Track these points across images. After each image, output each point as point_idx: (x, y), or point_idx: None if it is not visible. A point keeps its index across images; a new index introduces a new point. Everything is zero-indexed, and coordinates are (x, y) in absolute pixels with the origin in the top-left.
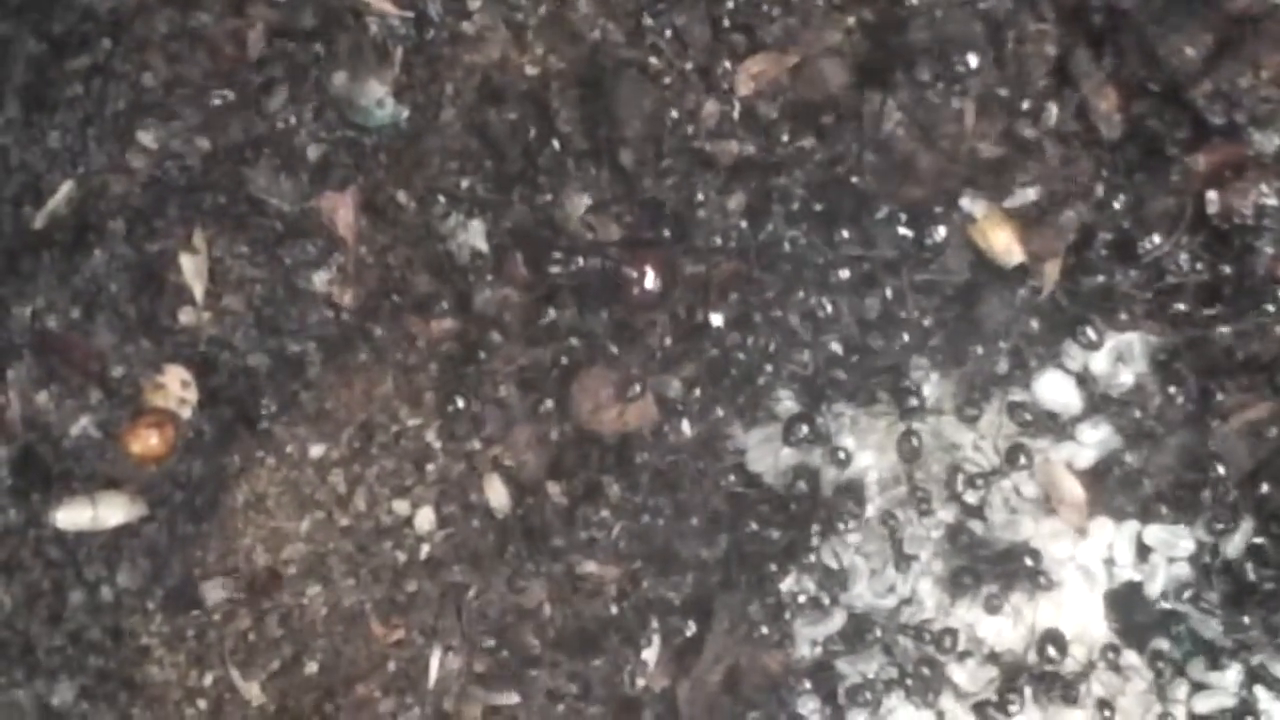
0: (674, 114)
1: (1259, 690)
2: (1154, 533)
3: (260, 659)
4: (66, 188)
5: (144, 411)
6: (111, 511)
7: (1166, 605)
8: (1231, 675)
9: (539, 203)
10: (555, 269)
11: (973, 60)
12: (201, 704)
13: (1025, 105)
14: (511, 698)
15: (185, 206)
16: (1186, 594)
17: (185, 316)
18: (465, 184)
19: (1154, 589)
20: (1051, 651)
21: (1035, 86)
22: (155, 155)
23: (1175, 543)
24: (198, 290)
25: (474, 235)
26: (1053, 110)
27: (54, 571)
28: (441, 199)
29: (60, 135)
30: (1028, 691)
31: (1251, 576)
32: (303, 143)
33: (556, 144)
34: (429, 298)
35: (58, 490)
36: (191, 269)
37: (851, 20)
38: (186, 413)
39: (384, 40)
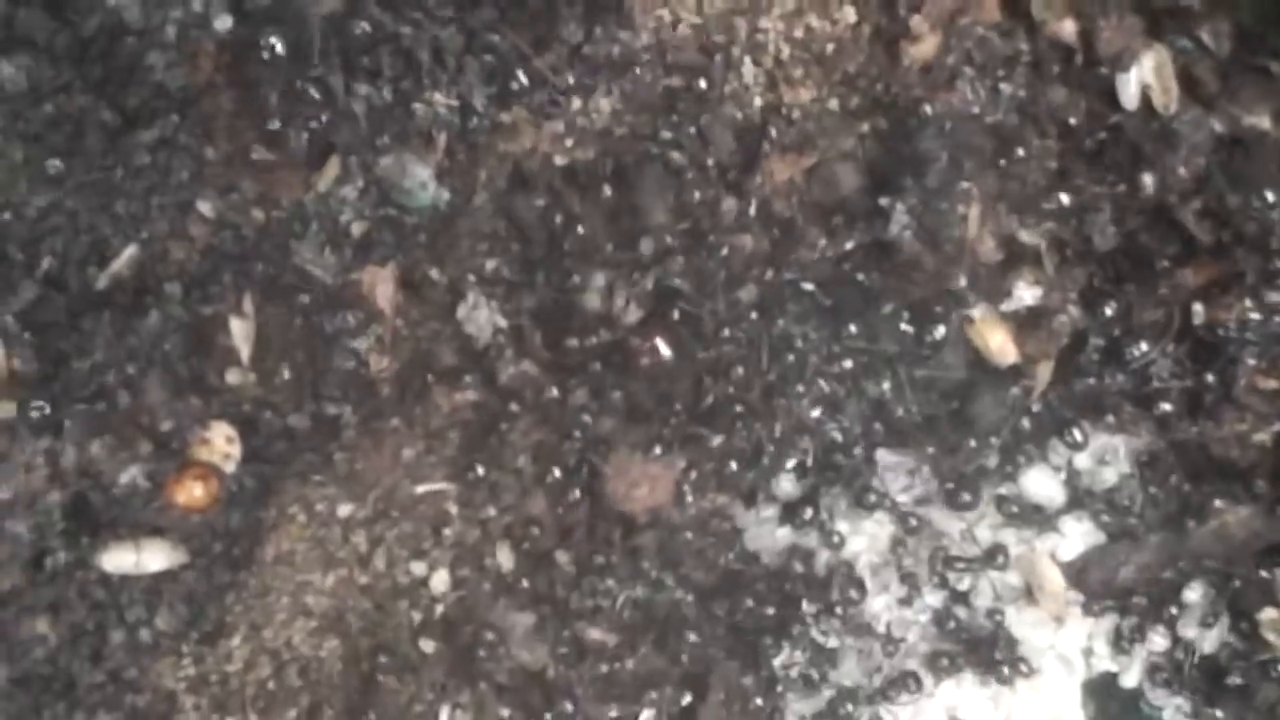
0: (693, 207)
1: None
2: (1136, 627)
3: (279, 708)
4: (130, 251)
5: (190, 464)
6: (154, 557)
7: (1142, 698)
8: None
9: (560, 285)
10: (572, 344)
11: (979, 170)
12: None
13: (1025, 214)
14: None
15: (237, 274)
16: (1161, 688)
17: (232, 377)
18: (492, 265)
19: (1130, 680)
20: None
21: (1035, 197)
22: (213, 224)
23: (1152, 637)
24: (245, 353)
25: (497, 313)
26: (1050, 220)
27: (97, 612)
28: (470, 277)
29: (126, 202)
30: None
31: (1226, 672)
32: (348, 219)
33: (579, 230)
34: (454, 371)
35: (105, 535)
36: (240, 333)
37: (865, 127)
38: (230, 467)
39: (429, 126)
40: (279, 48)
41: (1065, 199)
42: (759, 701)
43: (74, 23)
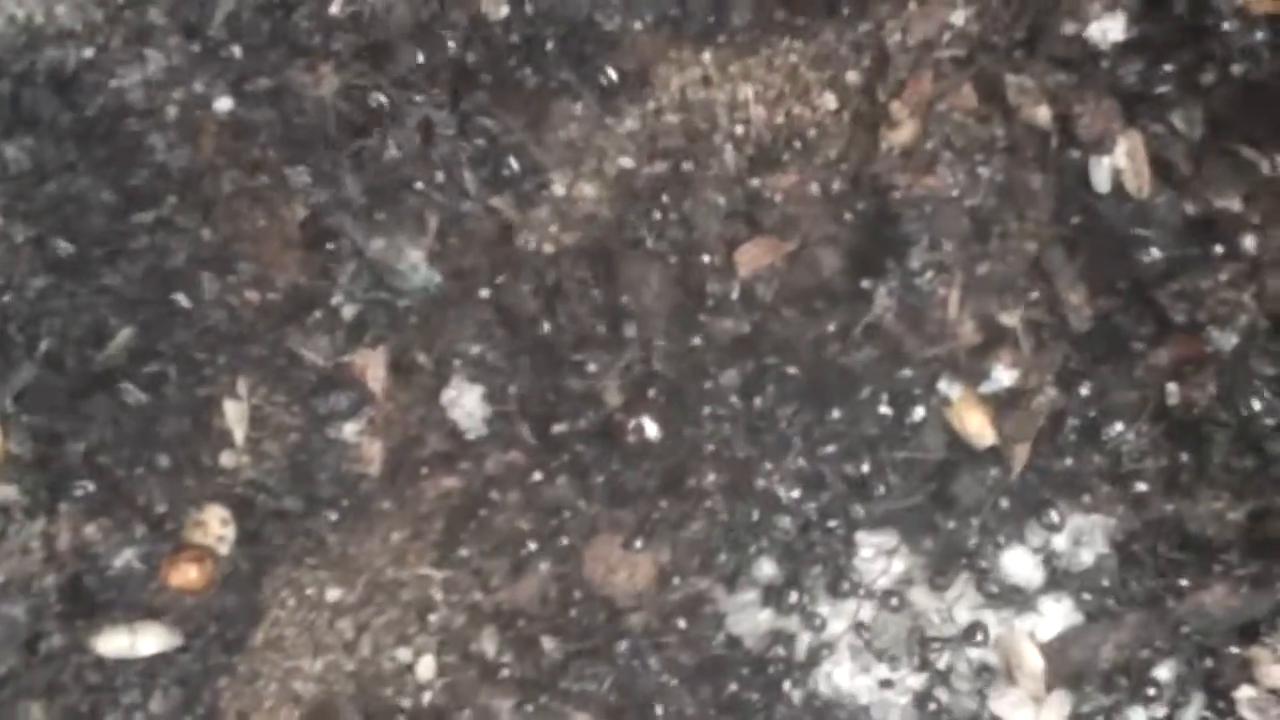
0: (677, 291)
1: None
2: (1115, 707)
3: None
4: (126, 333)
5: (184, 547)
6: (149, 640)
7: None
8: None
9: (545, 369)
10: (558, 428)
11: (958, 252)
12: None
13: (1003, 296)
14: None
15: (232, 356)
16: None
17: (226, 459)
18: (478, 350)
19: None
20: None
21: (1013, 279)
22: (209, 306)
23: (1131, 717)
24: (239, 435)
25: (483, 399)
26: (1027, 303)
27: (92, 695)
28: (456, 363)
29: (124, 282)
30: None
31: None
32: (340, 302)
33: (565, 315)
34: (440, 456)
35: (100, 618)
36: (234, 415)
37: (846, 211)
38: (224, 549)
39: (422, 209)
40: (276, 130)
41: (1041, 281)
42: None
43: (79, 103)
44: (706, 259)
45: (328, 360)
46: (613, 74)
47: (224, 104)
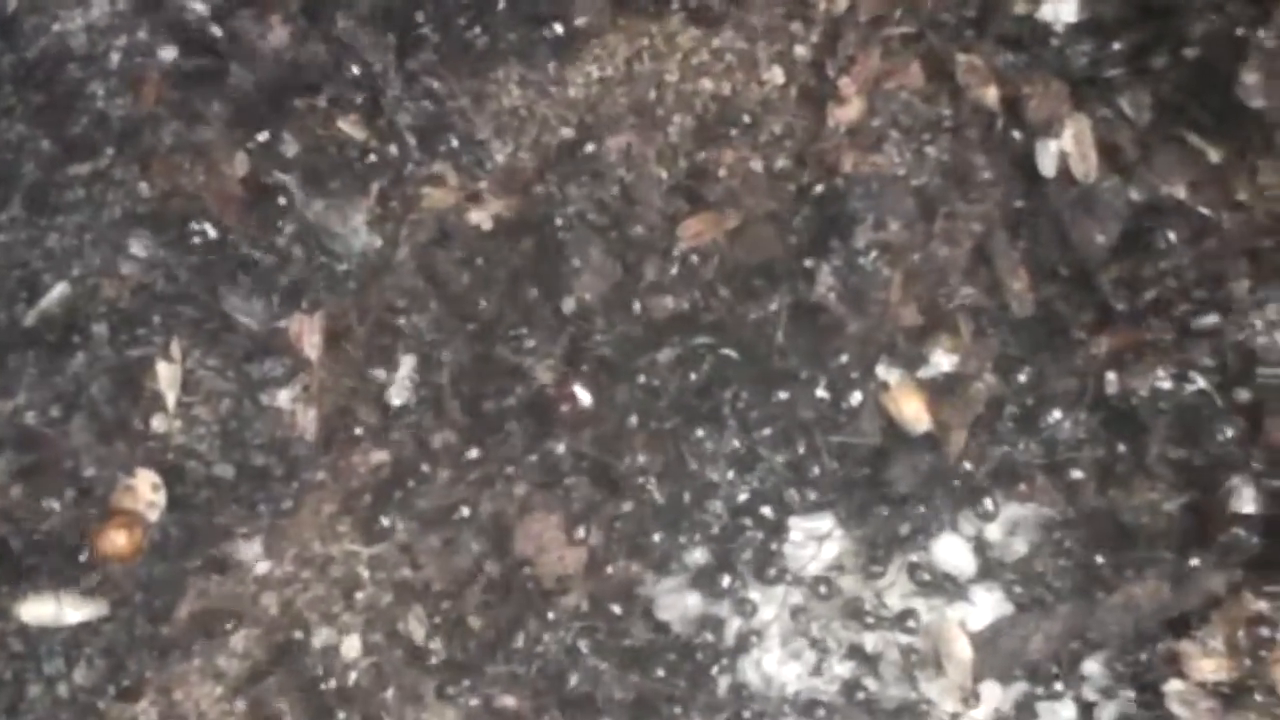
0: (616, 266)
1: None
2: (1042, 698)
3: None
4: (60, 288)
5: (113, 512)
6: (74, 608)
7: None
8: None
9: (480, 343)
10: (490, 404)
11: (903, 233)
12: None
13: (946, 280)
14: None
15: (166, 316)
16: None
17: (158, 423)
18: (412, 320)
19: None
20: None
21: (957, 263)
22: (144, 264)
23: (1060, 709)
24: (170, 398)
25: (415, 370)
26: (970, 286)
27: (15, 664)
28: (391, 332)
29: (59, 237)
30: None
31: None
32: (278, 264)
33: (501, 288)
34: (372, 428)
35: (25, 584)
36: (166, 377)
37: (792, 187)
38: (154, 516)
39: (364, 172)
40: (220, 82)
41: (984, 265)
42: None
43: (19, 45)
44: (647, 233)
45: (263, 324)
46: (559, 37)
47: (168, 53)
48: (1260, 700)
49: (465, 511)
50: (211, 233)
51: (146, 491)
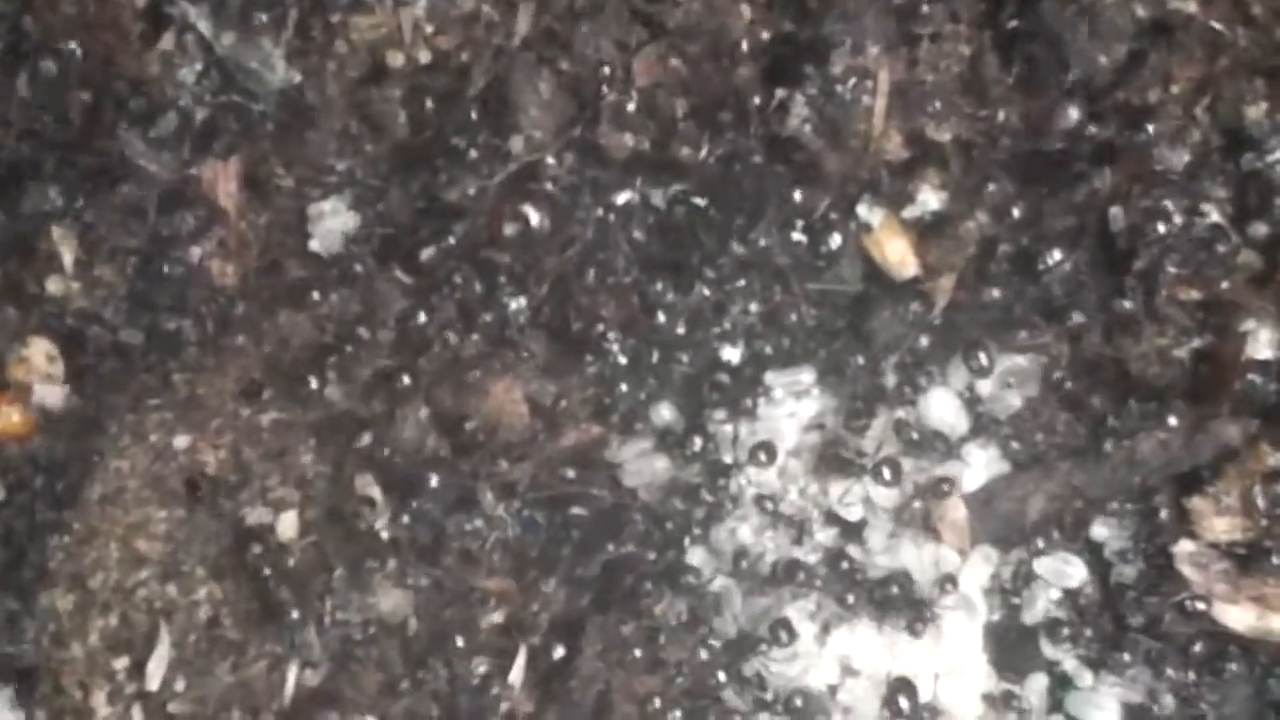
0: (569, 102)
1: None
2: (1044, 563)
3: (107, 660)
4: None
5: (5, 386)
6: None
7: (1045, 639)
8: (1109, 712)
9: (421, 189)
10: (430, 252)
11: (885, 57)
12: None
13: (933, 107)
14: None
15: (60, 165)
16: (1064, 628)
17: (54, 285)
18: (343, 164)
19: (1033, 620)
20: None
21: (944, 89)
22: (30, 106)
23: (1067, 571)
24: (68, 258)
25: (348, 219)
26: (960, 115)
27: None
28: (319, 178)
29: None
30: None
31: (1133, 609)
32: (186, 105)
33: (441, 127)
34: (302, 284)
35: None
36: (62, 235)
37: (761, 12)
38: (51, 389)
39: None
40: None
41: (974, 92)
42: (638, 653)
43: None
44: (602, 66)
45: (172, 173)
46: None
47: None
48: (1278, 561)
49: (406, 379)
50: (105, 71)
51: (42, 362)
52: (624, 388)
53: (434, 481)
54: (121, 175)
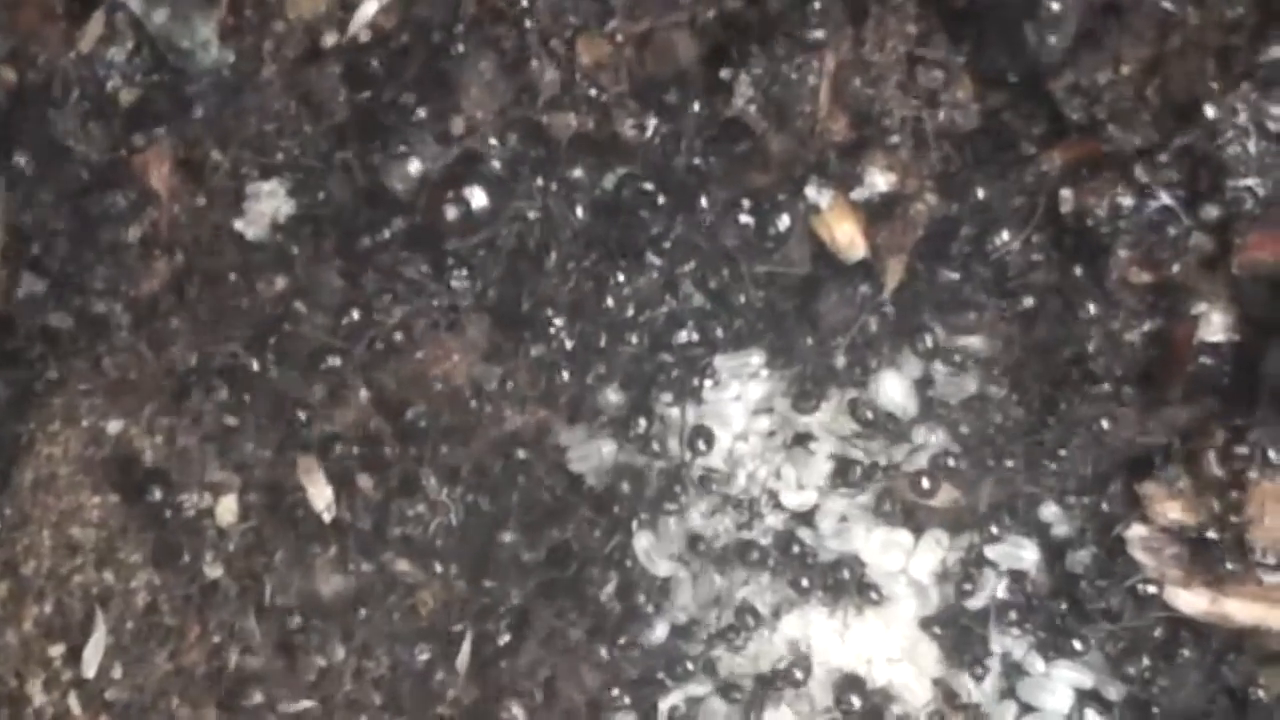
0: (511, 82)
1: (1089, 713)
2: (995, 548)
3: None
4: None
5: None
6: None
7: (996, 624)
8: (1061, 697)
9: (356, 170)
10: (367, 240)
11: (832, 36)
12: None
13: (880, 89)
14: (310, 706)
15: None
16: (1015, 613)
17: None
18: (281, 147)
19: (983, 605)
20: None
21: (892, 69)
22: None
23: (1018, 555)
24: None
25: (284, 201)
26: (907, 96)
27: None
28: (253, 160)
29: None
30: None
31: (1086, 592)
32: (116, 85)
33: (381, 107)
34: (238, 266)
35: None
36: None
37: None
38: None
39: None
40: None
41: (924, 70)
42: (584, 640)
43: None
44: (544, 45)
45: (102, 154)
46: None
47: None
48: (1230, 545)
49: (346, 362)
50: (32, 50)
51: None
52: (569, 372)
53: (375, 466)
54: (49, 156)
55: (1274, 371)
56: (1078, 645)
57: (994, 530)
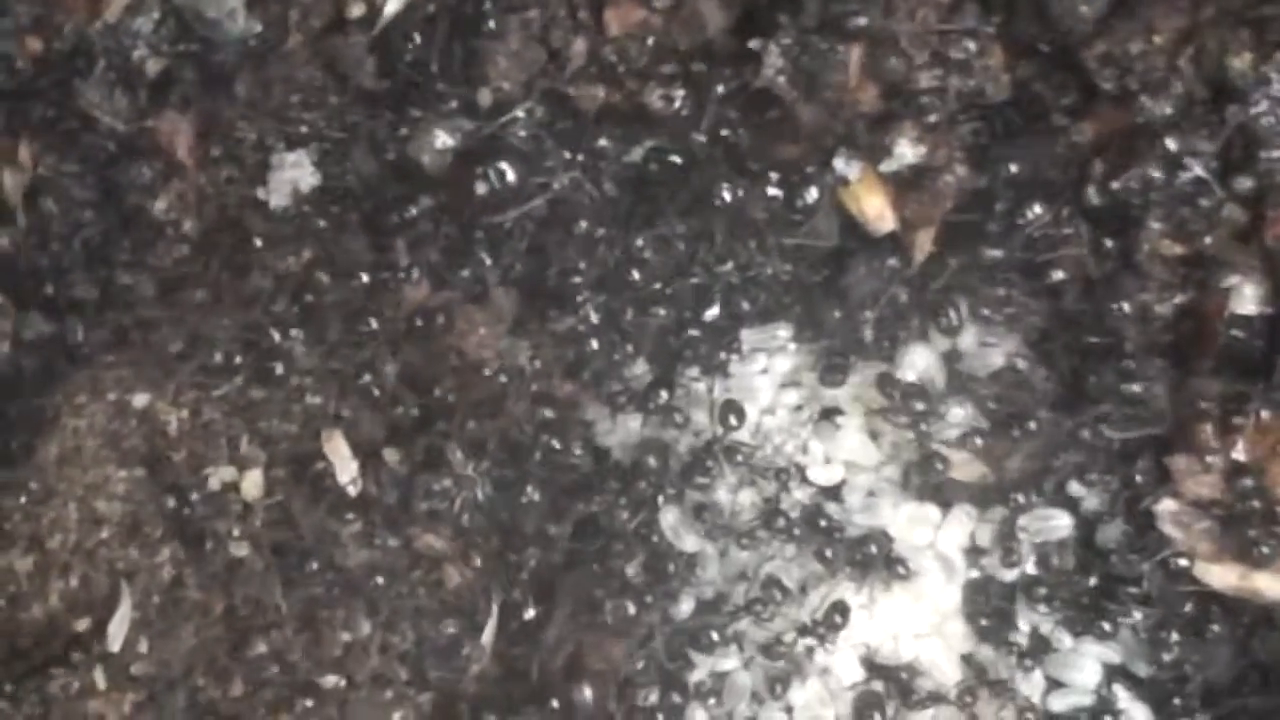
0: (539, 52)
1: (1118, 689)
2: (1025, 520)
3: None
4: None
5: None
6: None
7: (1025, 599)
8: (1090, 673)
9: (383, 141)
10: (395, 217)
11: (861, 5)
12: None
13: (911, 59)
14: (335, 681)
15: (11, 115)
16: (1044, 589)
17: (5, 239)
18: (307, 119)
19: (1011, 580)
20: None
21: (923, 37)
22: None
23: (1050, 526)
24: (20, 210)
25: (311, 173)
26: (937, 67)
27: None
28: (280, 130)
29: None
30: (879, 688)
31: (1116, 568)
32: (142, 55)
33: (408, 79)
34: (265, 237)
35: None
36: (14, 185)
37: None
38: (3, 346)
39: None
40: None
41: (955, 40)
42: (611, 615)
43: None
44: (572, 15)
45: (128, 124)
46: None
47: None
48: (1261, 519)
49: (374, 336)
50: (58, 19)
51: None
52: (596, 345)
53: (401, 440)
54: (76, 127)
55: None
56: (1106, 621)
57: (1022, 504)
